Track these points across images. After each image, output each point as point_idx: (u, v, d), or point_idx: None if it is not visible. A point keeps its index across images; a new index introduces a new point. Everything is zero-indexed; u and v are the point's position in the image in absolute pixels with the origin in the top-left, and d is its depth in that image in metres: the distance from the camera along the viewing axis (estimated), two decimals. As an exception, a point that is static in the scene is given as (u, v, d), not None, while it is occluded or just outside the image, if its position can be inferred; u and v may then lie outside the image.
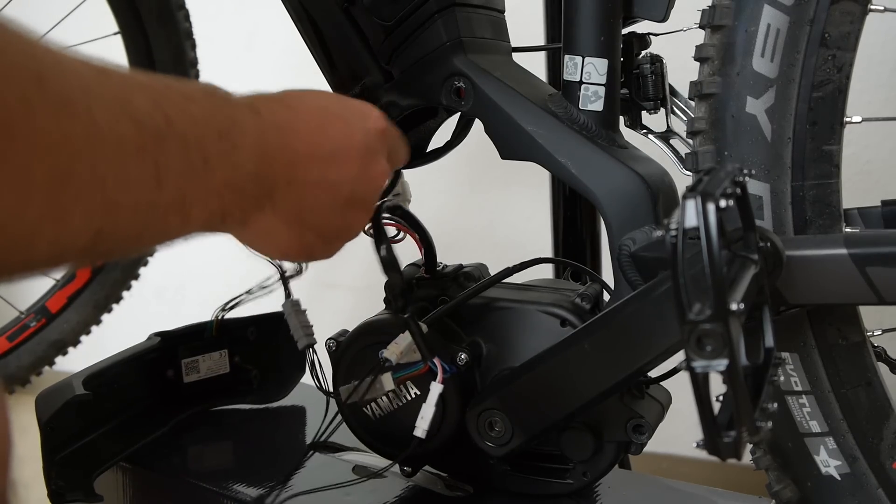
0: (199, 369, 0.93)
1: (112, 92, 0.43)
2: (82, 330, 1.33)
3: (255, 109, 0.55)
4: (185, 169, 0.48)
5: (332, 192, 0.60)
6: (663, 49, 0.76)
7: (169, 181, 0.46)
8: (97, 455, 0.84)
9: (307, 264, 0.81)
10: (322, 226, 0.61)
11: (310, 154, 0.58)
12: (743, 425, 0.46)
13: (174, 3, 1.22)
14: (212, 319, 0.93)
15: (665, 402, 0.75)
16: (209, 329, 0.94)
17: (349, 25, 0.76)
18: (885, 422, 0.67)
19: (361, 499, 0.78)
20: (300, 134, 0.57)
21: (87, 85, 0.42)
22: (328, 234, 0.62)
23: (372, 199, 0.64)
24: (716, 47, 0.65)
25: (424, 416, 0.71)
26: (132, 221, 0.45)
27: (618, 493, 0.78)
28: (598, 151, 0.70)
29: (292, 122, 0.57)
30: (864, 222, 0.68)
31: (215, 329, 0.93)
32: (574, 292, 0.74)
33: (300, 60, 0.86)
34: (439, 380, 0.70)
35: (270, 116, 0.56)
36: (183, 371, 0.93)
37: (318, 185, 0.59)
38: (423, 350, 0.70)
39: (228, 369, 0.95)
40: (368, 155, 0.62)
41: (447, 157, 0.86)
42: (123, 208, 0.44)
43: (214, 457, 0.90)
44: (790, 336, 0.67)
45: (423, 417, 0.71)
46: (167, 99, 0.47)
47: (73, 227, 0.41)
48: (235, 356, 0.96)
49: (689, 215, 0.44)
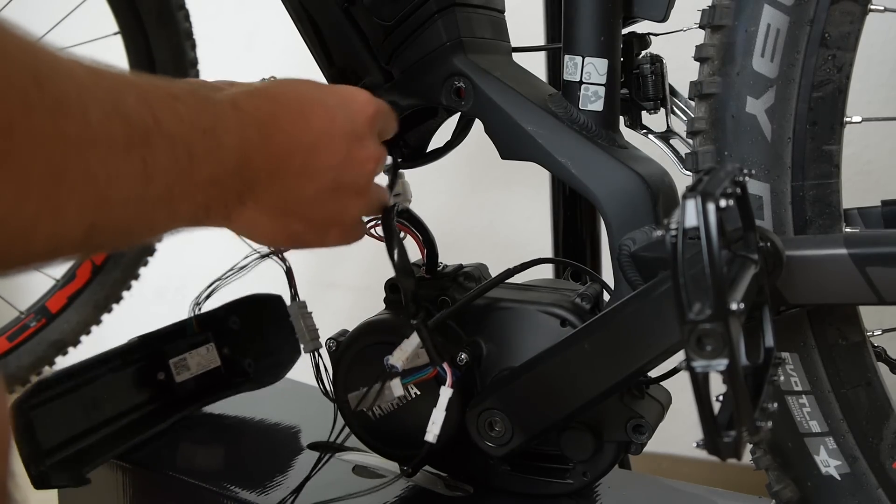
0: (189, 367, 0.93)
1: (104, 92, 0.45)
2: (82, 330, 1.33)
3: (237, 105, 0.56)
4: (171, 165, 0.49)
5: (315, 180, 0.60)
6: (663, 49, 0.76)
7: (156, 177, 0.48)
8: (88, 451, 0.84)
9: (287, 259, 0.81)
10: (309, 214, 0.62)
11: (292, 145, 0.59)
12: (743, 425, 0.46)
13: (174, 3, 1.22)
14: (190, 316, 0.92)
15: (665, 402, 0.75)
16: (189, 326, 0.93)
17: (349, 25, 0.76)
18: (885, 422, 0.67)
19: (361, 499, 0.78)
20: (282, 125, 0.58)
21: (82, 85, 0.43)
22: (317, 222, 0.63)
23: (364, 183, 0.64)
24: (716, 47, 0.65)
25: (436, 421, 0.70)
26: (123, 215, 0.47)
27: (618, 493, 0.78)
28: (598, 151, 0.70)
29: (274, 114, 0.58)
30: (864, 222, 0.68)
31: (196, 325, 0.93)
32: (574, 292, 0.74)
33: (300, 60, 0.86)
34: (449, 384, 0.70)
35: (252, 111, 0.57)
36: (173, 371, 0.92)
37: (300, 175, 0.60)
38: (434, 355, 0.70)
39: (219, 362, 0.95)
40: (353, 140, 0.62)
41: (447, 157, 0.86)
42: (114, 203, 0.46)
43: (214, 457, 0.90)
44: (790, 336, 0.67)
45: (434, 422, 0.70)
46: (155, 98, 0.49)
47: (68, 222, 0.43)
48: (224, 348, 0.95)
49: (689, 215, 0.44)
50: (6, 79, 0.38)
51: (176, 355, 0.93)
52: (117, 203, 0.46)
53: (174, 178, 0.50)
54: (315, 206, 0.62)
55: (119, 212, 0.46)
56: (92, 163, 0.43)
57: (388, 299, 0.78)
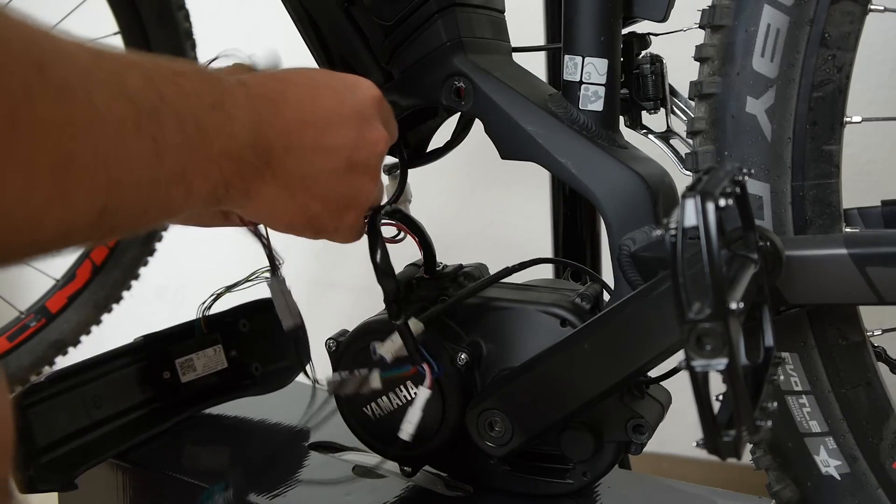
0: (196, 367, 0.92)
1: (107, 74, 0.45)
2: (82, 330, 1.33)
3: (245, 84, 0.56)
4: (182, 142, 0.49)
5: (329, 157, 0.61)
6: (663, 49, 0.76)
7: (168, 155, 0.48)
8: (85, 450, 0.83)
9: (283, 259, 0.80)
10: (326, 193, 0.62)
11: (302, 121, 0.59)
12: (743, 424, 0.46)
13: (174, 3, 1.22)
14: (198, 317, 0.92)
15: (665, 402, 0.75)
16: (198, 326, 0.92)
17: (349, 25, 0.76)
18: (885, 422, 0.67)
19: (361, 499, 0.78)
20: (290, 102, 0.59)
21: (84, 69, 0.43)
22: (333, 201, 0.63)
23: (375, 164, 0.65)
24: (716, 47, 0.65)
25: (410, 419, 0.70)
26: (136, 197, 0.47)
27: (618, 493, 0.78)
28: (597, 151, 0.70)
29: (282, 91, 0.59)
30: (864, 222, 0.68)
31: (204, 325, 0.92)
32: (574, 292, 0.74)
33: (300, 60, 0.86)
34: (427, 385, 0.70)
35: (261, 90, 0.57)
36: (179, 371, 0.92)
37: (314, 151, 0.60)
38: (413, 354, 0.70)
39: (226, 364, 0.94)
40: (362, 120, 0.63)
41: (447, 157, 0.86)
42: (126, 185, 0.45)
43: (214, 457, 0.90)
44: (790, 336, 0.67)
45: (408, 421, 0.70)
46: (159, 75, 0.49)
47: (78, 207, 0.43)
48: (232, 350, 0.94)
49: (689, 214, 0.44)
50: (6, 67, 0.37)
51: (183, 355, 0.92)
52: (129, 185, 0.46)
53: (186, 155, 0.50)
54: (331, 184, 0.62)
55: (132, 193, 0.46)
56: (101, 147, 0.43)
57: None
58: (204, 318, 0.92)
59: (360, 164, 0.63)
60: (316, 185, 0.61)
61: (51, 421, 0.81)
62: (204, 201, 0.53)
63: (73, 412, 0.83)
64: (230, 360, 0.94)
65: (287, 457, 0.88)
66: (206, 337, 0.93)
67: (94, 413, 0.85)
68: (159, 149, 0.47)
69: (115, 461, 0.86)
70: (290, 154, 0.59)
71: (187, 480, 0.82)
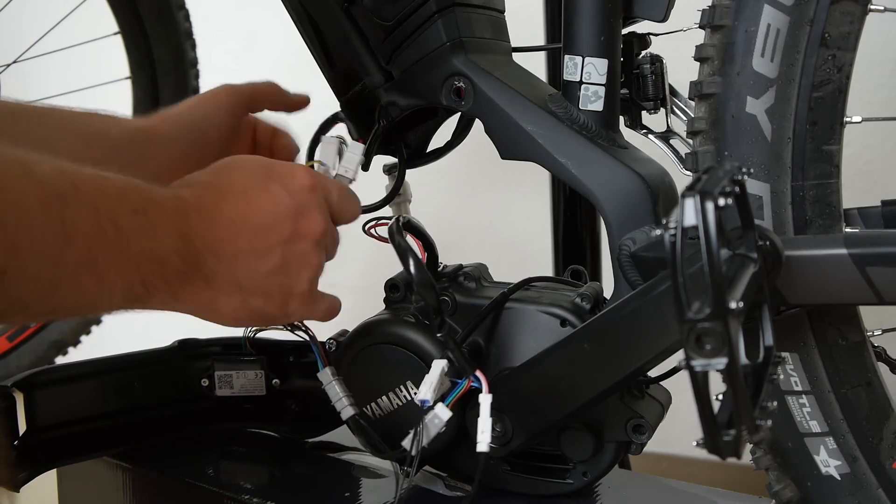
0: (233, 385, 0.89)
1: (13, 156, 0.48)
2: (82, 330, 1.33)
3: (178, 196, 0.60)
4: (95, 232, 0.52)
5: (263, 259, 0.63)
6: (663, 49, 0.76)
7: (77, 240, 0.51)
8: (90, 443, 0.84)
9: None
10: (264, 289, 0.64)
11: (237, 230, 0.62)
12: (742, 424, 0.46)
13: (174, 3, 1.22)
14: (243, 336, 0.88)
15: (665, 402, 0.75)
16: (243, 345, 0.89)
17: (349, 25, 0.76)
18: (885, 422, 0.67)
19: (361, 499, 0.78)
20: (224, 213, 0.62)
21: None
22: (274, 295, 0.65)
23: (313, 251, 0.66)
24: (716, 47, 0.65)
25: (484, 429, 0.68)
26: (41, 271, 0.49)
27: (618, 493, 0.78)
28: (597, 151, 0.70)
29: (217, 203, 0.62)
30: (864, 222, 0.68)
31: (248, 344, 0.89)
32: (574, 292, 0.74)
33: (300, 60, 0.86)
34: (486, 390, 0.68)
35: (194, 201, 0.60)
36: (216, 383, 0.89)
37: (248, 256, 0.62)
38: (466, 367, 0.69)
39: (265, 392, 0.89)
40: (297, 213, 0.65)
41: (447, 157, 0.86)
42: (28, 253, 0.48)
43: (214, 457, 0.89)
44: (790, 336, 0.67)
45: (483, 431, 0.68)
46: (77, 173, 0.52)
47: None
48: (274, 379, 0.89)
49: (688, 214, 0.44)
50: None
51: (223, 369, 0.89)
52: (32, 254, 0.48)
53: (98, 245, 0.52)
54: (268, 282, 0.64)
55: (35, 265, 0.48)
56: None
57: (388, 299, 0.78)
58: (249, 339, 0.88)
59: (297, 256, 0.65)
60: (252, 284, 0.63)
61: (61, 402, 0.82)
62: (122, 296, 0.56)
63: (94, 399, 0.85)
64: (269, 387, 0.89)
65: (287, 457, 0.88)
66: (251, 358, 0.89)
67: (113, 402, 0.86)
68: (67, 231, 0.50)
69: (116, 461, 0.87)
70: (222, 262, 0.61)
71: (187, 480, 0.83)
